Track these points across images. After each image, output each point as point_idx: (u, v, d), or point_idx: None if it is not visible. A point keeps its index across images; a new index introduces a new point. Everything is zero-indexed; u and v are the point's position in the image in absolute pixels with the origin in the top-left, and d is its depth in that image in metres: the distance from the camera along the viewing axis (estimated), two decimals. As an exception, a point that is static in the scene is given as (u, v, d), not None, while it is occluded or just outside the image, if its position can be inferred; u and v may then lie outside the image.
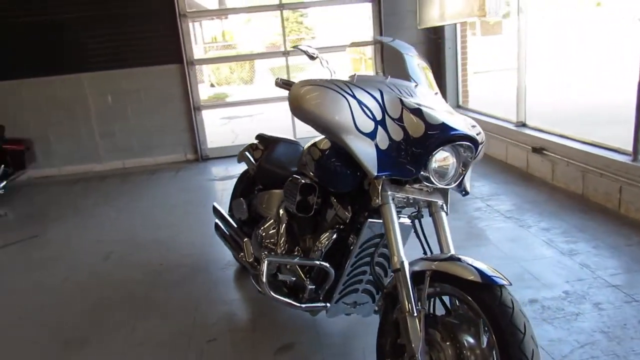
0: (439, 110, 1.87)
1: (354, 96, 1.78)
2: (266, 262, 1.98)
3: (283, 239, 2.41)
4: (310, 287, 2.09)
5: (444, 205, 1.96)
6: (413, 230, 2.07)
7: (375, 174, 1.76)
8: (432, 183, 1.81)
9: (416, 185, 1.90)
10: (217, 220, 3.14)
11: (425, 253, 2.07)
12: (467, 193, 2.01)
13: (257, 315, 2.68)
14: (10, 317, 2.93)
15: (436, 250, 1.94)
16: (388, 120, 1.81)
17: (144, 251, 3.68)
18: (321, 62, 2.04)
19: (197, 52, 13.22)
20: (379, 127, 1.80)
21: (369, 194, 1.87)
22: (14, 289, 3.34)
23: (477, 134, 2.04)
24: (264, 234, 2.51)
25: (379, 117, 1.80)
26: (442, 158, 1.81)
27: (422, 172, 1.78)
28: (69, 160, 6.40)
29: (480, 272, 1.59)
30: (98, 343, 2.56)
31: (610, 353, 2.13)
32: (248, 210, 2.85)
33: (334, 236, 2.13)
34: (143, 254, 3.62)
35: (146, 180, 5.87)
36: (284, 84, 2.08)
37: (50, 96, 6.21)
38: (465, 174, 1.90)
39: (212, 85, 17.19)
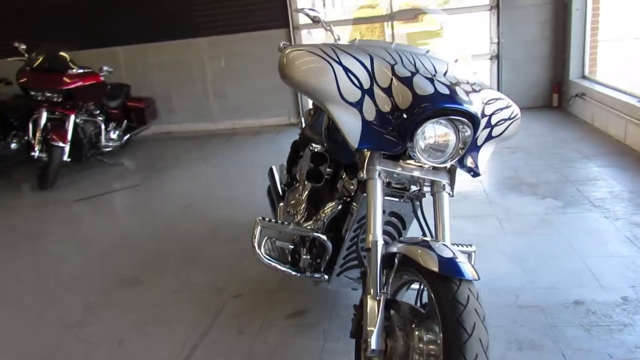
0: (445, 80, 1.68)
1: (340, 63, 1.67)
2: (259, 227, 2.00)
3: (303, 206, 2.41)
4: (305, 257, 2.08)
5: (447, 185, 1.79)
6: (412, 210, 1.94)
7: (356, 146, 1.66)
8: (421, 160, 1.66)
9: (413, 162, 1.75)
10: (270, 183, 3.23)
11: (424, 235, 1.93)
12: (476, 174, 1.81)
13: (286, 279, 2.73)
14: (82, 253, 3.36)
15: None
16: (376, 89, 1.68)
17: (216, 207, 3.93)
18: (324, 26, 1.95)
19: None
20: (366, 96, 1.69)
21: None
22: (96, 229, 3.82)
23: (495, 112, 1.82)
24: (289, 199, 2.54)
25: (366, 85, 1.68)
26: (439, 133, 1.64)
27: (410, 148, 1.65)
28: (188, 118, 6.99)
29: (443, 261, 1.44)
30: (145, 284, 2.83)
31: (645, 375, 1.81)
32: (289, 176, 2.89)
33: (339, 208, 2.08)
34: (215, 209, 3.86)
35: (247, 140, 6.19)
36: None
37: (172, 59, 6.79)
38: (465, 152, 1.70)
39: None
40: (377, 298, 1.57)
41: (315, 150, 2.16)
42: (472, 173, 1.80)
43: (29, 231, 3.91)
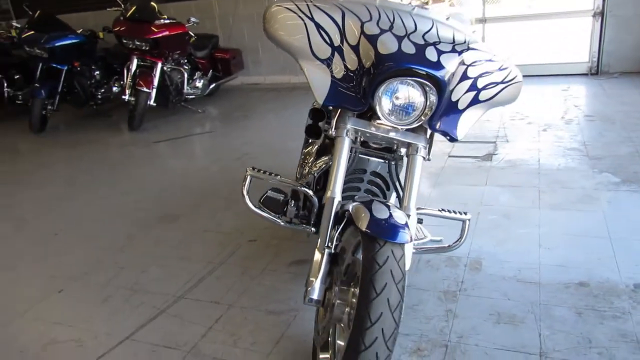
0: (419, 39, 1.63)
1: (312, 19, 1.69)
2: (248, 176, 2.11)
3: (312, 159, 2.47)
4: (291, 207, 2.16)
5: (423, 148, 1.76)
6: (387, 172, 1.93)
7: (321, 102, 1.69)
8: (384, 120, 1.65)
9: (386, 122, 1.73)
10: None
11: (398, 197, 1.93)
12: (453, 139, 1.76)
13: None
14: (143, 190, 3.73)
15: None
16: (345, 47, 1.68)
17: (269, 157, 4.12)
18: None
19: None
20: (336, 53, 1.70)
21: None
22: (161, 169, 4.19)
23: (483, 74, 1.72)
24: (303, 151, 2.62)
25: (336, 42, 1.69)
26: (400, 94, 1.61)
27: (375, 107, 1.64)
28: (273, 70, 7.21)
29: (373, 221, 1.45)
30: (182, 222, 3.12)
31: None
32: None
33: (329, 164, 2.12)
34: (266, 160, 4.05)
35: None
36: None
37: (260, 12, 6.96)
38: (440, 115, 1.65)
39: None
40: (322, 251, 1.63)
41: (314, 106, 2.20)
42: (448, 137, 1.74)
43: (109, 165, 4.42)
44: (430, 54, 1.59)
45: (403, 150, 1.84)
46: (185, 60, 5.94)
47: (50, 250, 2.93)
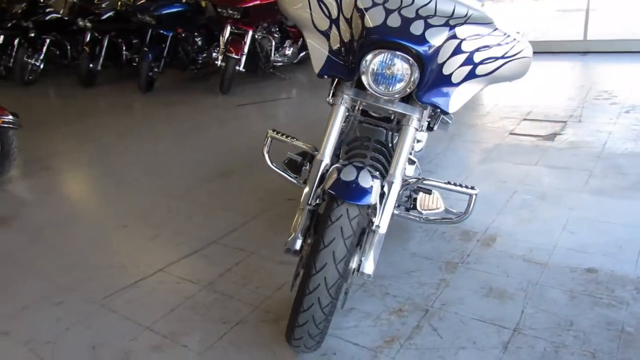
0: (410, 12, 1.69)
1: (310, -14, 1.81)
2: (269, 137, 2.31)
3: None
4: (305, 169, 2.32)
5: (415, 120, 1.82)
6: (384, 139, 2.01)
7: (317, 72, 1.83)
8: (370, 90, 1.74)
9: (374, 92, 1.81)
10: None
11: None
12: (444, 112, 1.80)
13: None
14: (212, 147, 4.10)
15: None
16: (341, 19, 1.79)
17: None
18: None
19: None
20: (333, 25, 1.81)
21: None
22: (234, 130, 4.54)
23: (480, 49, 1.73)
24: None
25: (334, 15, 1.80)
26: (382, 65, 1.69)
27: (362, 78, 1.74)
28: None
29: (336, 182, 1.59)
30: (235, 178, 3.44)
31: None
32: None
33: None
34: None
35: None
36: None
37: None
38: (421, 86, 1.70)
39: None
40: (303, 207, 1.80)
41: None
42: (439, 110, 1.79)
43: (194, 124, 4.88)
44: (416, 28, 1.65)
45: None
46: (277, 29, 6.23)
47: (126, 193, 3.40)
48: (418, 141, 2.67)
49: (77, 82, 6.96)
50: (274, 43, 6.02)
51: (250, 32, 5.69)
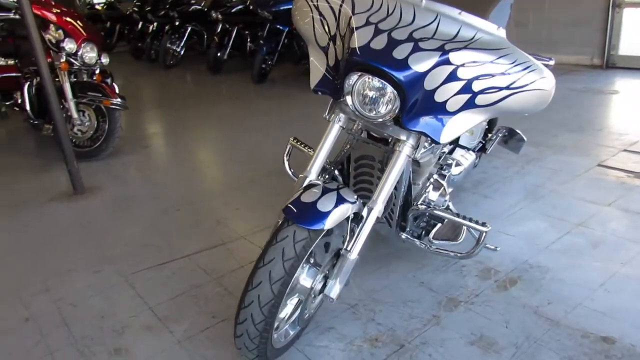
0: (402, 34, 1.61)
1: (317, 7, 1.81)
2: (289, 145, 2.34)
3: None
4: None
5: (407, 146, 1.73)
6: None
7: (312, 87, 1.83)
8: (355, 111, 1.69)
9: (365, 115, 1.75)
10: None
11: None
12: (434, 141, 1.69)
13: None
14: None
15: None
16: (338, 37, 1.77)
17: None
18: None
19: None
20: (331, 42, 1.79)
21: None
22: (314, 127, 4.59)
23: (479, 77, 1.61)
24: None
25: (332, 31, 1.78)
26: (361, 88, 1.63)
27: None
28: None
29: (292, 202, 1.59)
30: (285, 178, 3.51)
31: None
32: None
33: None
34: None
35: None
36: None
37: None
38: (405, 112, 1.60)
39: None
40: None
41: None
42: (428, 138, 1.68)
43: (285, 118, 5.05)
44: (400, 52, 1.56)
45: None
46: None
47: (201, 179, 3.68)
48: (458, 164, 2.49)
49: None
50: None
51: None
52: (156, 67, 8.65)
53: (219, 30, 7.59)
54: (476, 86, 1.61)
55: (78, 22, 4.31)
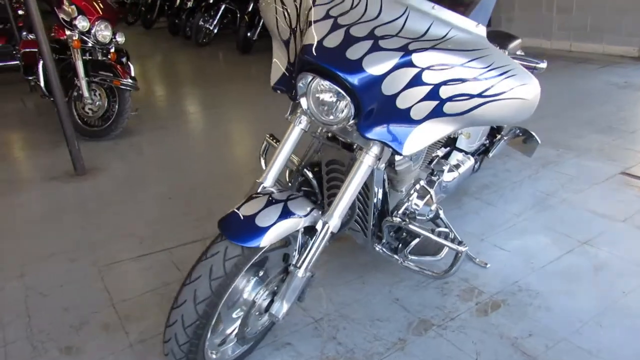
0: (362, 30, 1.43)
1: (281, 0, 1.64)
2: (265, 142, 2.19)
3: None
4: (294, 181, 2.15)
5: (369, 155, 1.55)
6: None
7: (272, 85, 1.67)
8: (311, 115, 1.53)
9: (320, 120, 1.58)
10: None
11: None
12: (396, 152, 1.50)
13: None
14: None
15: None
16: (297, 30, 1.59)
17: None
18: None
19: None
20: (292, 36, 1.62)
21: None
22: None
23: (448, 82, 1.42)
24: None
25: (293, 24, 1.61)
26: (315, 89, 1.46)
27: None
28: (524, 31, 6.39)
29: (230, 215, 1.45)
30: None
31: None
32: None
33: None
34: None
35: (563, 69, 5.34)
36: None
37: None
38: (361, 118, 1.43)
39: None
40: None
41: None
42: (390, 149, 1.50)
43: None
44: (354, 52, 1.38)
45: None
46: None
47: (201, 166, 3.60)
48: (451, 170, 2.28)
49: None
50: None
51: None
52: (190, 44, 8.62)
53: (249, 9, 7.46)
54: (444, 92, 1.42)
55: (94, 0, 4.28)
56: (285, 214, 1.47)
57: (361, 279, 2.18)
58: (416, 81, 1.40)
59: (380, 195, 1.86)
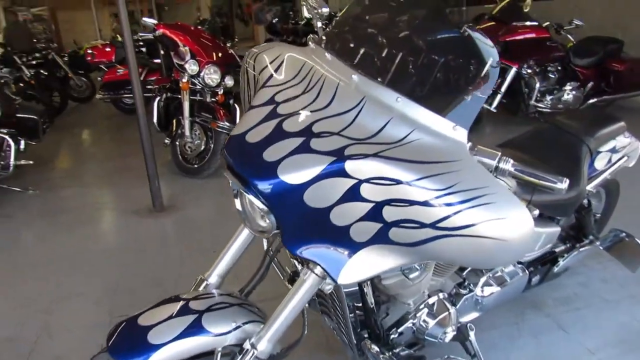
0: (298, 125, 1.17)
1: (246, 71, 1.45)
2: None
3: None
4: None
5: (311, 274, 1.26)
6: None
7: (225, 151, 1.47)
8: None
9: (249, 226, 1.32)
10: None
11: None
12: (332, 279, 1.19)
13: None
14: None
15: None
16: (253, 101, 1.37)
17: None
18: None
19: None
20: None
21: None
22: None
23: (391, 202, 1.09)
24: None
25: (253, 93, 1.40)
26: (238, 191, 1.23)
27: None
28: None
29: (126, 329, 1.26)
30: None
31: None
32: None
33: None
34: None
35: None
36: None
37: None
38: (283, 231, 1.16)
39: None
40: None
41: None
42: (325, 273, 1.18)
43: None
44: (274, 152, 1.12)
45: None
46: (558, 67, 5.12)
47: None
48: (488, 284, 1.80)
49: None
50: (538, 84, 4.98)
51: (514, 68, 4.86)
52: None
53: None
54: (387, 214, 1.07)
55: (209, 45, 4.51)
56: (193, 329, 1.23)
57: None
58: (353, 195, 1.08)
59: (355, 313, 1.51)
